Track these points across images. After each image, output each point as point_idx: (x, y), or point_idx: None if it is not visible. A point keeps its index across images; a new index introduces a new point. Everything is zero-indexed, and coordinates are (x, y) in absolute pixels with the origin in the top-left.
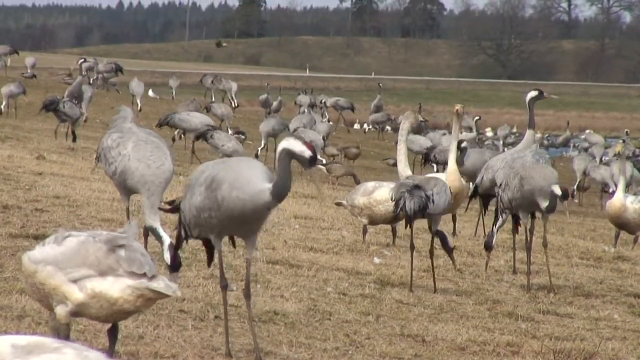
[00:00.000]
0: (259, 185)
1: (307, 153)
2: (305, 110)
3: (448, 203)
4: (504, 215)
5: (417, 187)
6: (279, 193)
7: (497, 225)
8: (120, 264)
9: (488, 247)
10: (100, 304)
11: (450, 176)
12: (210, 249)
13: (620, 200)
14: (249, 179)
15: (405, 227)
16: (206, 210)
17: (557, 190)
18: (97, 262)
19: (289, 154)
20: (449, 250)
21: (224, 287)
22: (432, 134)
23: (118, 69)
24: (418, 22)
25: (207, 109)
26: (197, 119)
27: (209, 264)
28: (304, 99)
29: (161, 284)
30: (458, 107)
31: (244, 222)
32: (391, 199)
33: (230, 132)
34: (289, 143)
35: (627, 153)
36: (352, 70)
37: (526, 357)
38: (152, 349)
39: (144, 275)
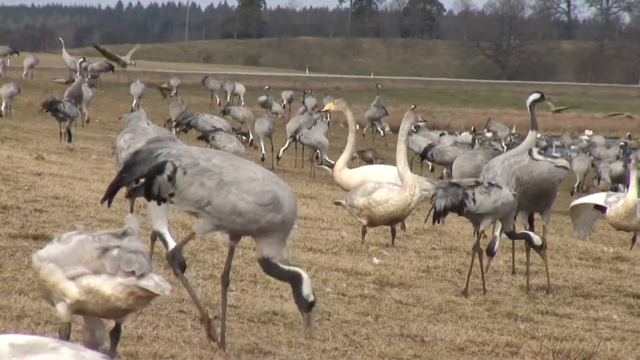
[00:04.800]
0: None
1: (311, 298)
2: (309, 111)
3: (503, 204)
4: None
5: (454, 185)
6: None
7: (499, 230)
8: (111, 262)
9: (490, 252)
10: (96, 301)
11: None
12: (114, 189)
13: (634, 199)
14: (295, 210)
15: (433, 222)
16: (246, 218)
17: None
18: (91, 260)
19: (295, 284)
20: (537, 248)
21: (226, 284)
22: (430, 133)
23: (110, 68)
24: (417, 22)
25: (225, 112)
26: (220, 123)
27: (105, 200)
28: (310, 100)
29: (150, 282)
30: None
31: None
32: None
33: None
34: (306, 283)
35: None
36: (351, 71)
37: (525, 358)
38: (152, 350)
39: (133, 273)
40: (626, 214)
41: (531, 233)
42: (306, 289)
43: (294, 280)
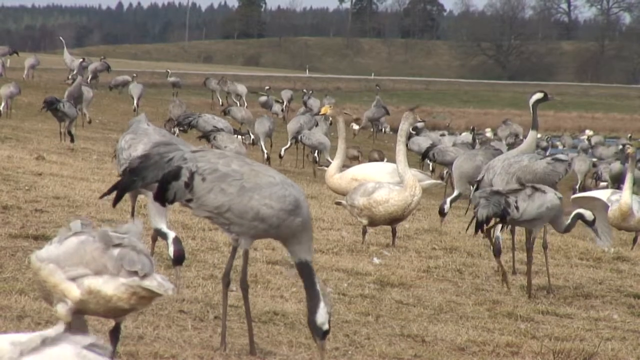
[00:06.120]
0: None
1: (325, 327)
2: (313, 112)
3: (548, 209)
4: None
5: (496, 193)
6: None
7: (501, 229)
8: (113, 262)
9: (497, 252)
10: (97, 300)
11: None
12: (122, 192)
13: (628, 203)
14: (309, 210)
15: (475, 232)
16: (267, 223)
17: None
18: (92, 261)
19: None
20: (589, 224)
21: (227, 284)
22: (430, 134)
23: (107, 68)
24: (418, 23)
25: (225, 112)
26: (221, 123)
27: (105, 196)
28: (314, 102)
29: (154, 282)
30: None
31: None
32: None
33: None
34: (322, 311)
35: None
36: (351, 71)
37: (526, 358)
38: (152, 349)
39: (136, 273)
40: (622, 216)
41: (581, 210)
42: (320, 317)
43: (313, 302)
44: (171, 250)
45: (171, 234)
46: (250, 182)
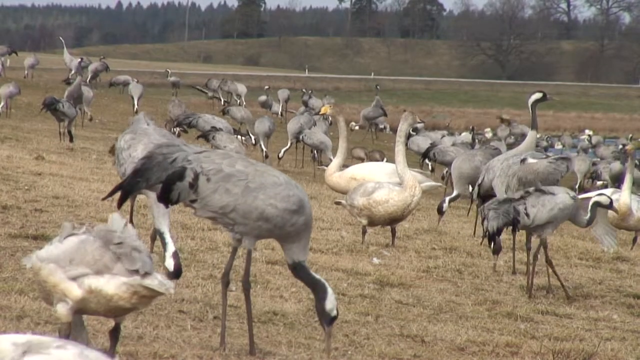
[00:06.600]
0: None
1: (334, 313)
2: (313, 111)
3: (560, 210)
4: None
5: (504, 202)
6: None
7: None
8: (115, 261)
9: (497, 250)
10: (98, 300)
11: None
12: (125, 194)
13: (627, 203)
14: (311, 210)
15: (489, 245)
16: (272, 223)
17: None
18: (93, 260)
19: (319, 307)
20: (608, 207)
21: (226, 284)
22: (430, 134)
23: (106, 68)
24: (417, 22)
25: (224, 112)
26: (221, 124)
27: (107, 198)
28: (316, 102)
29: (155, 281)
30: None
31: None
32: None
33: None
34: (330, 297)
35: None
36: (351, 71)
37: (525, 358)
38: (151, 349)
39: (137, 272)
40: (621, 215)
41: (595, 198)
42: (330, 304)
43: (320, 291)
44: (170, 263)
45: (171, 247)
46: (254, 182)
